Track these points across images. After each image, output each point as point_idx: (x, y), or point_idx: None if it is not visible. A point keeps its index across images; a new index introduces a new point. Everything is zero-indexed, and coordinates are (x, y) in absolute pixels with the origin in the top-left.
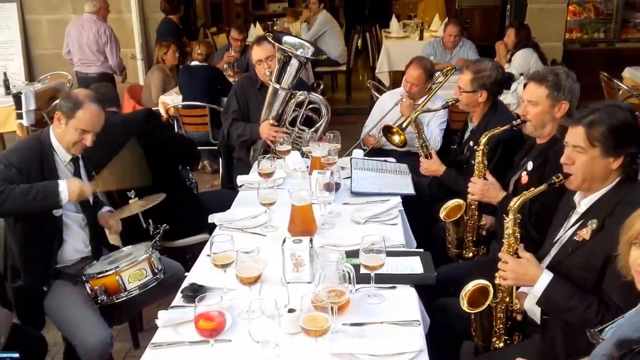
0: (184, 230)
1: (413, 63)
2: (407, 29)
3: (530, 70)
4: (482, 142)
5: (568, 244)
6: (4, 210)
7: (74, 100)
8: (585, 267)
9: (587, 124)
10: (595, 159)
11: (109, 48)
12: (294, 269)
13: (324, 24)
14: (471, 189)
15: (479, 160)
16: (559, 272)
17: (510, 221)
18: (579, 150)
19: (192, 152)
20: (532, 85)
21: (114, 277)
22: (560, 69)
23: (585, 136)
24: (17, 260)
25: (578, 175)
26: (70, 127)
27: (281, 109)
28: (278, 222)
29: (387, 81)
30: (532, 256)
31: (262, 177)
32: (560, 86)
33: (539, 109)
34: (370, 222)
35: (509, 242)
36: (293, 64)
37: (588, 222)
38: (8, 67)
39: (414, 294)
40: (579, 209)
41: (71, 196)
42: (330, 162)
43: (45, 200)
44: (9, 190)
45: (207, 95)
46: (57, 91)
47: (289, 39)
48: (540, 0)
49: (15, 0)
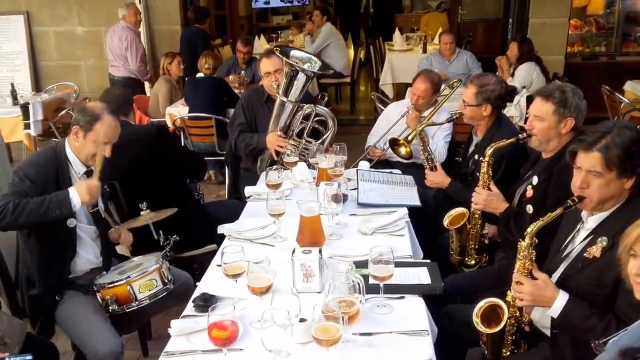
0: (193, 243)
1: (420, 76)
2: (410, 42)
3: (532, 84)
4: (488, 153)
5: (578, 260)
6: (20, 224)
7: (90, 113)
8: (596, 284)
9: (602, 149)
10: (611, 182)
11: (129, 53)
12: (303, 279)
13: (328, 36)
14: (475, 198)
15: (484, 171)
16: (568, 287)
17: (525, 245)
18: (595, 174)
19: (199, 166)
20: (539, 100)
21: (125, 287)
22: (567, 86)
23: (603, 161)
24: (32, 271)
25: (594, 199)
26: (88, 140)
27: (288, 121)
28: (286, 233)
29: (391, 93)
30: (547, 277)
31: (270, 188)
32: (567, 103)
33: (545, 125)
34: (377, 233)
35: (524, 264)
36: (300, 78)
37: (598, 240)
38: (14, 77)
39: (422, 304)
40: (586, 225)
41: (82, 198)
42: (337, 174)
43: (59, 208)
44: (23, 203)
45: (213, 106)
46: (64, 102)
47: (296, 53)
48: (542, 14)
49: (22, 13)
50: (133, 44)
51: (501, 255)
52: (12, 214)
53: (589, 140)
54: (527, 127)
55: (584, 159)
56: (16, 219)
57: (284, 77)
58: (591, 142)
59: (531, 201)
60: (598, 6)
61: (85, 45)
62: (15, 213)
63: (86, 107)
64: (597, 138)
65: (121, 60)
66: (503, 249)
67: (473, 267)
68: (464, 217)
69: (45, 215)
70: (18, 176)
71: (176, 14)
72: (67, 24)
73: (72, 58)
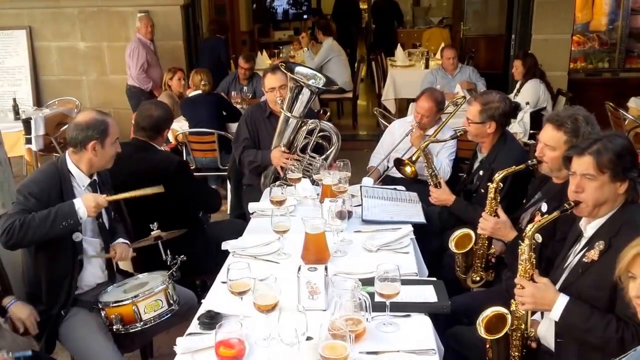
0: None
1: (424, 95)
2: (412, 57)
3: (539, 100)
4: (496, 179)
5: (577, 266)
6: (28, 241)
7: (99, 124)
8: (596, 287)
9: (594, 153)
10: (605, 185)
11: (131, 61)
12: (309, 297)
13: (330, 51)
14: (482, 225)
15: (491, 197)
16: (571, 294)
17: (525, 247)
18: (589, 177)
19: (214, 205)
20: (550, 128)
21: (131, 306)
22: (580, 113)
23: (595, 164)
24: (38, 287)
25: (589, 202)
26: (107, 146)
27: (292, 137)
28: (291, 250)
29: (393, 108)
30: (548, 281)
31: (273, 204)
32: (579, 132)
33: (557, 154)
34: (382, 250)
35: (525, 268)
36: (305, 94)
37: (595, 244)
38: (16, 92)
39: (429, 323)
40: (586, 234)
41: (89, 210)
42: (341, 190)
43: (65, 220)
44: (29, 220)
45: (214, 121)
46: (65, 117)
47: (301, 70)
48: (544, 30)
49: (25, 28)
50: (135, 53)
51: (508, 274)
52: (19, 231)
53: (581, 146)
54: (537, 154)
55: (577, 164)
56: (24, 236)
57: (289, 92)
58: (584, 147)
59: (540, 230)
60: (601, 22)
61: (87, 61)
62: (22, 231)
63: (88, 122)
64: (590, 144)
65: (128, 69)
66: (510, 269)
67: (478, 282)
68: (470, 239)
69: (52, 228)
70: (22, 195)
71: (178, 29)
72: (69, 39)
73: (74, 73)
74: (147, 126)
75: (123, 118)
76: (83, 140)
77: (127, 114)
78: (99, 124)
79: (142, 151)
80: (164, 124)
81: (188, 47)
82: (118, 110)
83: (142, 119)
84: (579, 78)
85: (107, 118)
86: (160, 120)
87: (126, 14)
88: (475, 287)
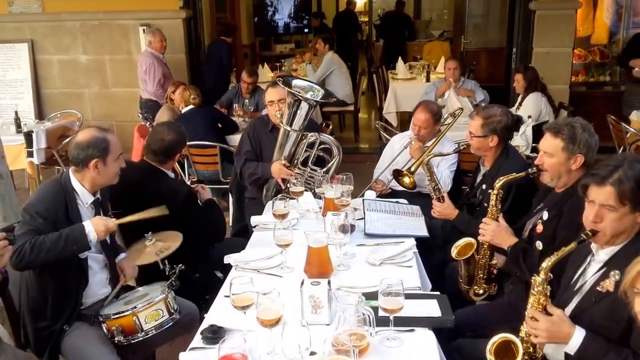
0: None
1: (420, 107)
2: (414, 70)
3: (541, 113)
4: (497, 186)
5: (591, 294)
6: (38, 263)
7: (100, 142)
8: (611, 319)
9: (615, 183)
10: (625, 216)
11: (148, 77)
12: (312, 311)
13: (331, 64)
14: (483, 230)
15: (493, 204)
16: (582, 322)
17: (540, 279)
18: (609, 208)
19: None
20: (549, 136)
21: (131, 317)
22: (577, 121)
23: (616, 195)
24: (43, 303)
25: (607, 233)
26: (109, 163)
27: (293, 150)
28: (293, 263)
29: (395, 121)
30: (562, 313)
31: (276, 217)
32: (576, 139)
33: (555, 161)
34: (385, 264)
35: (538, 299)
36: (303, 107)
37: (610, 273)
38: (18, 105)
39: (433, 338)
40: (598, 257)
41: (99, 235)
42: (344, 204)
43: (76, 244)
44: (40, 243)
45: (211, 133)
46: (67, 129)
47: (299, 83)
48: (546, 43)
49: (27, 41)
50: (152, 69)
51: (510, 287)
52: (30, 254)
53: (601, 174)
54: (537, 163)
55: (596, 193)
56: (35, 258)
57: (287, 107)
58: (604, 176)
59: (541, 237)
60: (602, 36)
61: (89, 73)
62: (33, 253)
63: (89, 141)
64: (610, 172)
65: (143, 84)
66: (512, 282)
67: (481, 295)
68: (472, 248)
69: (63, 251)
70: (29, 214)
71: (181, 42)
72: (70, 52)
73: (75, 86)
74: (159, 150)
75: (125, 130)
76: (84, 159)
77: (129, 126)
78: (99, 142)
79: (151, 177)
80: (175, 148)
81: (190, 60)
82: (120, 123)
83: (154, 142)
84: (581, 91)
85: (107, 135)
86: (172, 145)
87: (128, 27)
88: (478, 299)
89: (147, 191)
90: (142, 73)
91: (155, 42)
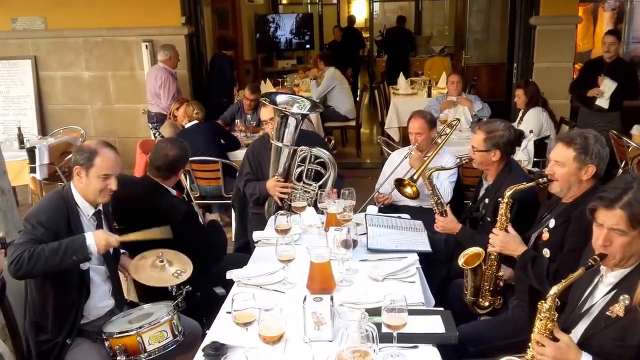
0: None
1: (412, 116)
2: (415, 86)
3: (542, 128)
4: (507, 195)
5: (600, 318)
6: (37, 272)
7: (87, 150)
8: (621, 344)
9: (625, 207)
10: (635, 239)
11: (162, 91)
12: (315, 327)
13: (332, 80)
14: (492, 240)
15: (502, 213)
16: (591, 347)
17: (547, 305)
18: (619, 232)
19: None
20: (561, 146)
21: (135, 337)
22: (590, 132)
23: (627, 219)
24: (43, 317)
25: (616, 256)
26: (92, 177)
27: (287, 165)
28: (296, 279)
29: (397, 136)
30: (569, 339)
31: (278, 233)
32: (588, 150)
33: (566, 170)
34: (388, 280)
35: (545, 325)
36: (291, 121)
37: (620, 298)
38: (21, 121)
39: (437, 354)
40: (606, 280)
41: (99, 248)
42: (347, 219)
43: (76, 254)
44: (39, 252)
45: (213, 148)
46: (70, 145)
47: (282, 98)
48: (546, 58)
49: (30, 57)
50: (167, 83)
51: (515, 303)
52: (28, 263)
53: (610, 197)
54: (547, 172)
55: (605, 216)
56: (33, 267)
57: (276, 122)
58: (612, 199)
59: (548, 245)
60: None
61: (92, 90)
62: (32, 262)
63: (82, 146)
64: (619, 195)
65: (156, 98)
66: (517, 297)
67: (486, 308)
68: (480, 258)
69: (62, 261)
70: (30, 223)
71: (183, 58)
72: (73, 68)
73: (78, 102)
74: (162, 166)
75: (128, 146)
76: (72, 163)
77: (132, 142)
78: (88, 151)
79: (153, 193)
80: (178, 164)
81: (193, 76)
82: (123, 139)
83: (157, 158)
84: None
85: (101, 149)
86: (175, 160)
87: (130, 44)
88: (483, 313)
89: (146, 206)
90: (156, 88)
91: (173, 58)
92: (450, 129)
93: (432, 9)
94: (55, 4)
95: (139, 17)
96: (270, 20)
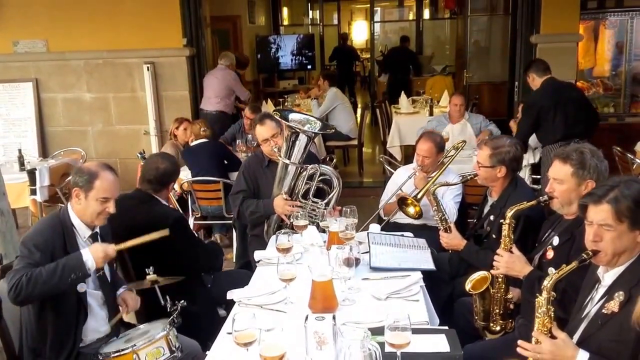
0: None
1: (423, 137)
2: (417, 104)
3: None
4: (509, 215)
5: (597, 317)
6: (36, 295)
7: (87, 172)
8: (617, 340)
9: (612, 201)
10: (624, 234)
11: (237, 88)
12: (317, 347)
13: (334, 100)
14: (496, 262)
15: (505, 234)
16: (590, 347)
17: (543, 300)
18: (607, 227)
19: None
20: (557, 163)
21: (131, 355)
22: (586, 147)
23: (613, 213)
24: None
25: (607, 252)
26: (90, 199)
27: (292, 183)
28: (297, 298)
29: (399, 155)
30: (567, 336)
31: (280, 252)
32: (585, 165)
33: (565, 187)
34: (391, 298)
35: (543, 321)
36: (302, 139)
37: (615, 295)
38: (22, 143)
39: None
40: (604, 283)
41: (97, 261)
42: (349, 237)
43: (74, 272)
44: (36, 275)
45: (216, 169)
46: (71, 167)
47: (295, 116)
48: None
49: (31, 80)
50: (237, 80)
51: (520, 322)
52: (27, 287)
53: (598, 194)
54: (547, 190)
55: (594, 212)
56: (32, 290)
57: (285, 140)
58: (600, 195)
59: (552, 263)
60: (604, 68)
61: (93, 111)
62: (30, 285)
63: (82, 167)
64: (606, 191)
65: (220, 96)
66: (523, 315)
67: (498, 333)
68: (487, 281)
69: (61, 281)
70: (27, 248)
71: (184, 80)
72: (75, 90)
73: (79, 124)
74: (153, 179)
75: (129, 168)
76: (72, 185)
77: (133, 163)
78: (88, 173)
79: (144, 203)
80: (169, 178)
81: (194, 97)
82: (124, 160)
83: (148, 171)
84: None
85: (102, 172)
86: (166, 174)
87: (132, 66)
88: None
89: (138, 215)
90: (223, 87)
91: (233, 65)
92: (456, 151)
93: (433, 29)
94: (57, 27)
95: (140, 39)
96: (272, 42)
